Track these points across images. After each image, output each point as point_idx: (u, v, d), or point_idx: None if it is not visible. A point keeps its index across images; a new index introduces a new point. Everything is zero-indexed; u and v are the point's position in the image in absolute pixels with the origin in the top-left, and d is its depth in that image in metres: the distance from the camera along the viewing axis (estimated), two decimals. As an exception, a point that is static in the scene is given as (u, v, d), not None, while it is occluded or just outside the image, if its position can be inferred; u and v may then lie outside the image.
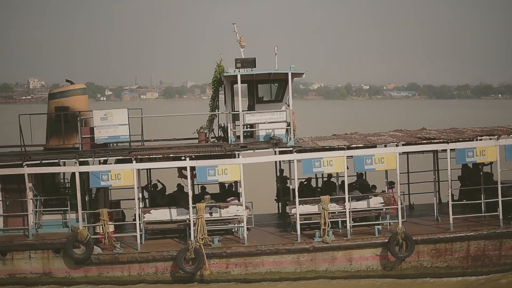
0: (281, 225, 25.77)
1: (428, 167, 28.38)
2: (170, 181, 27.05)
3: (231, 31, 25.16)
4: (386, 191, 25.17)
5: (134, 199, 27.21)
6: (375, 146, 23.54)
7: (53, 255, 22.77)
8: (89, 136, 23.42)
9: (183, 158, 23.02)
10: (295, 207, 23.76)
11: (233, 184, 26.83)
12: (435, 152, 25.63)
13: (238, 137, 24.62)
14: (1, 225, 23.59)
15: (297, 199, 23.37)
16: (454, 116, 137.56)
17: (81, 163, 22.85)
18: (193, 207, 23.08)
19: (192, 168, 23.30)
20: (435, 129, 27.35)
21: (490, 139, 23.78)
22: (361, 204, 24.25)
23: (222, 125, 26.12)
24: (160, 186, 26.41)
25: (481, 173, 25.69)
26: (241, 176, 23.03)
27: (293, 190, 24.73)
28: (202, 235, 22.75)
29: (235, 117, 24.66)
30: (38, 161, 22.96)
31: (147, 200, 26.24)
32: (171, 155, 23.11)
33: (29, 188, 23.21)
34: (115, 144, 24.51)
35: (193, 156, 23.07)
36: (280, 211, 28.19)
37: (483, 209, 24.74)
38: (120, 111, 23.29)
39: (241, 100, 23.71)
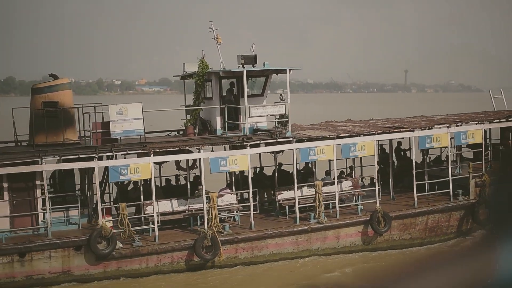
0: (259, 211, 27.43)
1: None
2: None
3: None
4: (354, 176, 28.31)
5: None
6: (358, 136, 26.33)
7: (74, 252, 22.32)
8: (102, 130, 23.16)
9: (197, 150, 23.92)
10: (282, 193, 26.00)
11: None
12: (390, 140, 29.23)
13: (224, 129, 26.19)
14: (7, 226, 22.41)
15: (295, 185, 25.44)
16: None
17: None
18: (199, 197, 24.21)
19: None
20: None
21: (441, 127, 27.99)
22: (334, 188, 27.02)
23: (203, 119, 27.15)
24: None
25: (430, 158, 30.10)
26: (248, 165, 24.61)
27: (278, 177, 26.94)
28: (216, 223, 23.91)
29: (222, 111, 26.11)
30: (58, 157, 22.34)
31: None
32: (187, 148, 23.88)
33: (40, 185, 22.46)
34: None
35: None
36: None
37: (426, 188, 28.88)
38: (135, 105, 23.38)
39: (246, 95, 25.13)
